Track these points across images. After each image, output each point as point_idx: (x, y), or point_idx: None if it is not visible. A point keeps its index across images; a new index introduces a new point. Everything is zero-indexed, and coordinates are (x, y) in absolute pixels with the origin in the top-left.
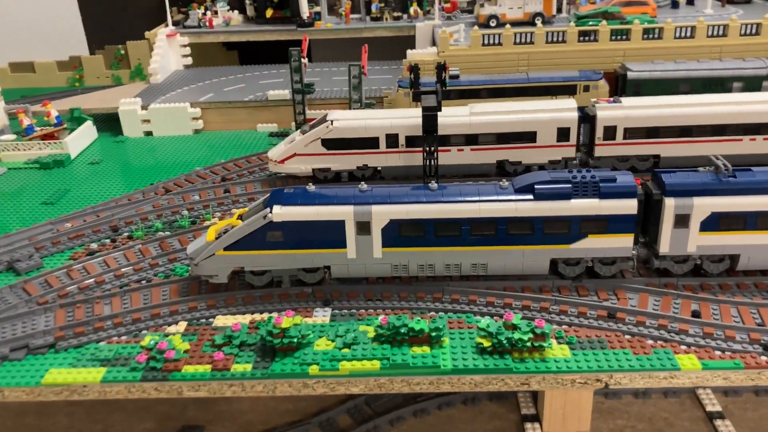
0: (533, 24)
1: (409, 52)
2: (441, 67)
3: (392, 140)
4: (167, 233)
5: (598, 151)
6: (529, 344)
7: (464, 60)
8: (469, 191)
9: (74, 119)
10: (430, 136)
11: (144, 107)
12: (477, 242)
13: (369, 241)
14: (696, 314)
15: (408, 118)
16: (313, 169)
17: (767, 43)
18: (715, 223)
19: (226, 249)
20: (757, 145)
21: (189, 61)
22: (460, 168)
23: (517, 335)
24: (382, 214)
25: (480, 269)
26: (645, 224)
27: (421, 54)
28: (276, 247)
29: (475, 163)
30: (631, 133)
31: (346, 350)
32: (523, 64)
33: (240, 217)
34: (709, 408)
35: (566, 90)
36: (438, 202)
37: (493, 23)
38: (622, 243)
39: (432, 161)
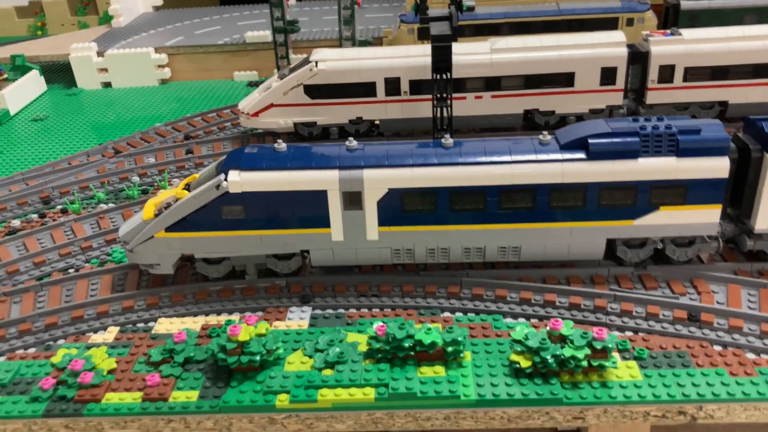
0: None
1: None
2: None
3: (393, 86)
4: (111, 205)
5: (651, 97)
6: (585, 363)
7: None
8: (497, 148)
9: (16, 68)
10: (441, 77)
11: (100, 53)
12: (508, 218)
13: (361, 218)
14: None
15: (413, 57)
16: (294, 124)
17: None
18: None
19: (168, 230)
20: None
21: (159, 1)
22: (479, 120)
23: (568, 351)
24: (377, 182)
25: (511, 254)
26: (735, 191)
27: None
28: (235, 226)
29: (498, 113)
30: (693, 73)
31: (328, 372)
32: None
33: (187, 187)
34: None
35: (605, 24)
36: (454, 164)
37: None
38: (707, 217)
39: (445, 110)
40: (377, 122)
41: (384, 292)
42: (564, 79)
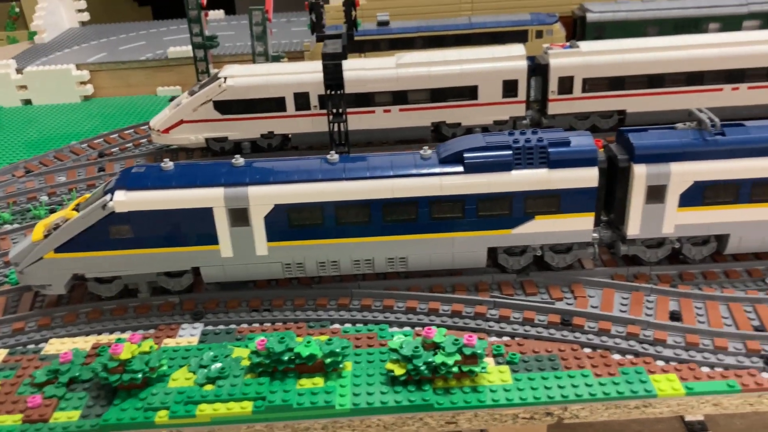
0: None
1: None
2: (350, 4)
3: (302, 100)
4: (15, 225)
5: (553, 108)
6: (456, 369)
7: (395, 3)
8: (381, 163)
9: None
10: (335, 94)
11: (19, 70)
12: (392, 230)
13: (248, 234)
14: (675, 316)
15: (321, 72)
16: (206, 139)
17: None
18: (698, 195)
19: (57, 251)
20: (741, 96)
21: (85, 16)
22: (388, 133)
23: (439, 358)
24: (263, 198)
25: (398, 264)
26: (608, 199)
27: None
28: (124, 245)
29: (406, 126)
30: (592, 84)
31: (209, 387)
32: (467, 8)
33: (77, 208)
34: (689, 418)
35: (515, 36)
36: (339, 179)
37: None
38: (580, 225)
39: (340, 125)
40: (290, 136)
41: (276, 306)
42: (468, 92)
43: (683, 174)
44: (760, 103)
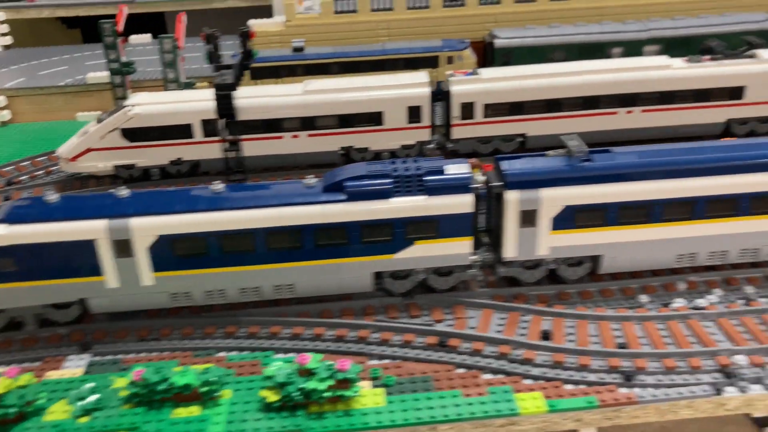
0: None
1: (250, 22)
2: (245, 35)
3: (210, 127)
4: None
5: (456, 132)
6: (328, 394)
7: (315, 30)
8: (266, 192)
9: None
10: (228, 122)
11: None
12: (278, 258)
13: (133, 265)
14: (546, 335)
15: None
16: (115, 167)
17: (649, 5)
18: (569, 218)
19: None
20: (635, 119)
21: (8, 40)
22: (298, 158)
23: (312, 384)
24: (146, 229)
25: (286, 291)
26: (490, 223)
27: (266, 24)
28: (7, 279)
29: (315, 151)
30: (492, 110)
31: (84, 419)
32: (383, 34)
33: None
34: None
35: (428, 62)
36: (222, 208)
37: None
38: (459, 248)
39: (235, 153)
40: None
41: (164, 335)
42: (374, 118)
43: (553, 199)
44: (653, 125)
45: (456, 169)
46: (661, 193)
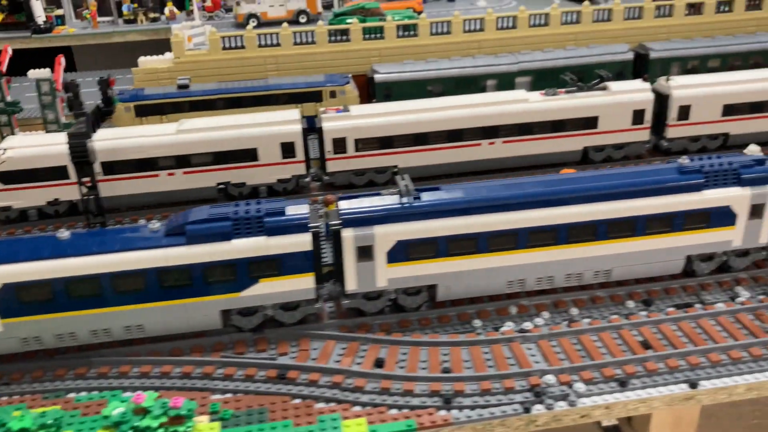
0: (298, 23)
1: (140, 59)
2: (104, 83)
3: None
4: None
5: (331, 166)
6: (161, 431)
7: (204, 66)
8: (110, 239)
9: None
10: (83, 167)
11: None
12: (125, 301)
13: None
14: (380, 363)
15: (103, 140)
16: None
17: (522, 37)
18: (403, 252)
19: None
20: (497, 149)
21: None
22: (175, 195)
23: (145, 422)
24: None
25: (136, 332)
26: (334, 258)
27: (155, 61)
28: None
29: (191, 187)
30: (364, 144)
31: None
32: (272, 69)
33: None
34: None
35: (311, 97)
36: (65, 255)
37: (253, 23)
38: (302, 284)
39: (92, 196)
40: (76, 202)
41: (14, 379)
42: (249, 154)
43: (386, 235)
44: (515, 155)
45: (295, 210)
46: (485, 225)
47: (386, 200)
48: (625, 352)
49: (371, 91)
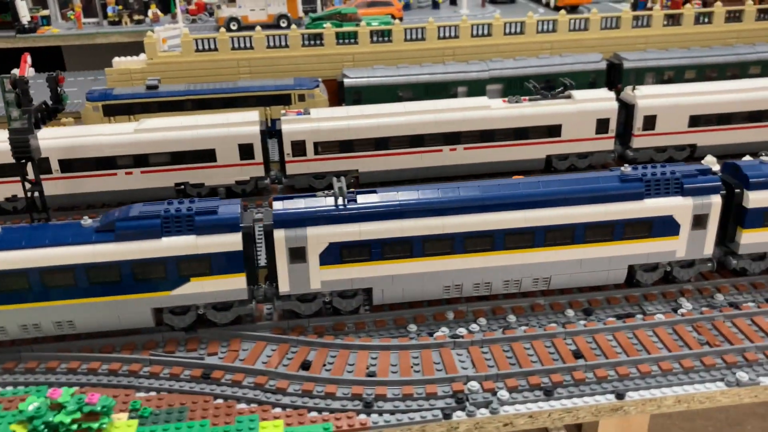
0: (279, 27)
1: (115, 60)
2: (52, 79)
3: (43, 165)
4: None
5: (290, 169)
6: (74, 427)
7: (177, 68)
8: (42, 234)
9: None
10: (24, 164)
11: None
12: (55, 296)
13: None
14: (306, 365)
15: (61, 138)
16: None
17: (497, 45)
18: (336, 254)
19: None
20: (458, 155)
21: None
22: (133, 194)
23: (58, 417)
24: None
25: (67, 328)
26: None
27: (128, 62)
28: None
29: (149, 187)
30: (323, 147)
31: None
32: (245, 71)
33: None
34: None
35: (279, 100)
36: None
37: (234, 26)
38: (233, 284)
39: (36, 193)
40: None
41: None
42: (207, 155)
43: (318, 236)
44: (477, 161)
45: (227, 209)
46: (419, 229)
47: (320, 202)
48: (555, 360)
49: (341, 96)
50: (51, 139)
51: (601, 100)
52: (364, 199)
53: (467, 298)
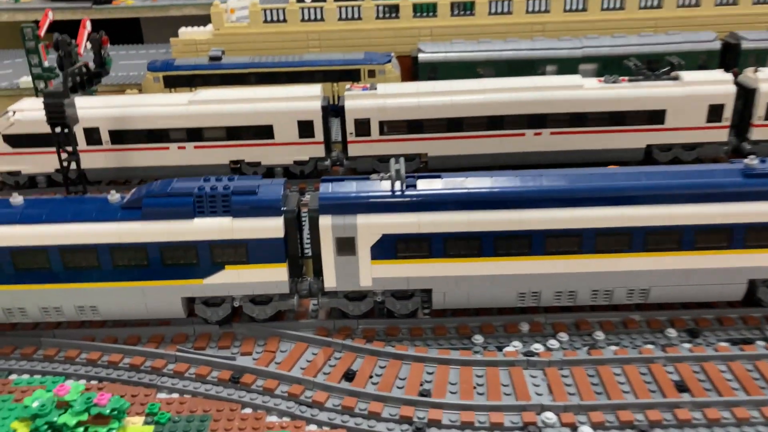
0: None
1: (181, 30)
2: (96, 42)
3: (93, 135)
4: None
5: (352, 150)
6: (80, 430)
7: (243, 39)
8: (65, 209)
9: None
10: (60, 131)
11: None
12: (76, 278)
13: None
14: (350, 376)
15: (112, 108)
16: (1, 173)
17: (593, 21)
18: (390, 248)
19: None
20: (543, 141)
21: None
22: (184, 170)
23: (63, 418)
24: None
25: (90, 313)
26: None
27: (194, 32)
28: None
29: (202, 164)
30: (389, 127)
31: None
32: (314, 45)
33: None
34: None
35: (348, 75)
36: (12, 222)
37: None
38: (273, 276)
39: (72, 163)
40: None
41: None
42: (264, 132)
43: (370, 226)
44: (565, 149)
45: (269, 190)
46: (492, 224)
47: (374, 186)
48: (653, 393)
49: (415, 72)
50: (102, 108)
51: (716, 83)
52: (426, 185)
53: (546, 309)
